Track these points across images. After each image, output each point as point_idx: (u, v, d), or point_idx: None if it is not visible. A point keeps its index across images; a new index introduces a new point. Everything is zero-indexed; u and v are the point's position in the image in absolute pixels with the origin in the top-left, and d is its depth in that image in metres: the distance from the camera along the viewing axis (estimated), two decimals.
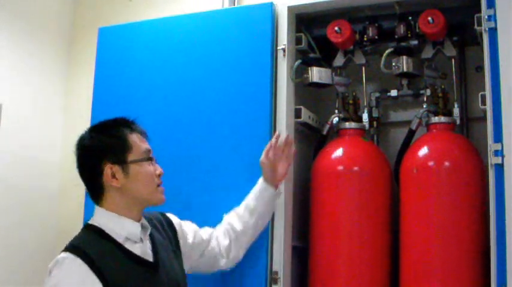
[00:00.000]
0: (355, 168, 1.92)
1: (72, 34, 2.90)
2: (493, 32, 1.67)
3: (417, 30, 1.93)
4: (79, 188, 1.58)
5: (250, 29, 2.02)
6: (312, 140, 2.15)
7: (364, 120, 2.04)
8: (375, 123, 2.11)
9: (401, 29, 1.95)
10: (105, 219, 1.50)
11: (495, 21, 1.67)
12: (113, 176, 1.49)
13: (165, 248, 1.59)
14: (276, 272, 1.84)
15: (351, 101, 2.08)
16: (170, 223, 1.68)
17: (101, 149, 1.51)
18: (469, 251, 1.73)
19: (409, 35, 1.95)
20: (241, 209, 1.82)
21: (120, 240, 1.47)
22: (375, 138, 2.13)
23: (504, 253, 1.55)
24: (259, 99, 1.95)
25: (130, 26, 2.26)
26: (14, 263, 2.52)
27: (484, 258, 1.67)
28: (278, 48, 1.98)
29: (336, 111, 2.08)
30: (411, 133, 1.98)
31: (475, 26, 1.75)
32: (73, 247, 1.43)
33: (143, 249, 1.51)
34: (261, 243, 1.86)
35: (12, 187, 2.52)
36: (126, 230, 1.50)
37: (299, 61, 2.01)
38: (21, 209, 2.57)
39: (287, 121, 1.94)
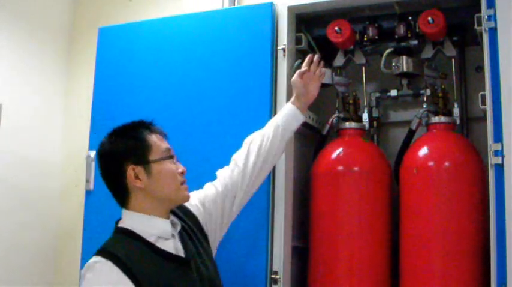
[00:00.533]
0: (355, 168, 1.92)
1: (72, 34, 2.91)
2: (493, 32, 1.67)
3: (417, 30, 1.93)
4: (79, 188, 1.58)
5: (250, 29, 2.02)
6: (312, 140, 2.15)
7: (364, 120, 2.04)
8: (375, 123, 2.11)
9: (401, 29, 1.95)
10: (135, 220, 1.52)
11: (495, 21, 1.66)
12: (136, 177, 1.51)
13: (193, 243, 1.60)
14: (276, 272, 1.84)
15: (351, 101, 2.08)
16: (188, 213, 1.67)
17: (122, 152, 1.53)
18: (469, 250, 1.73)
19: (409, 35, 1.95)
20: (269, 131, 1.79)
21: (151, 239, 1.49)
22: (375, 138, 2.13)
23: (504, 252, 1.55)
24: (259, 99, 1.95)
25: (130, 26, 2.26)
26: (14, 263, 2.52)
27: (484, 258, 1.67)
28: (278, 48, 1.98)
29: (336, 111, 2.08)
30: (411, 133, 1.98)
31: (475, 26, 1.75)
32: (103, 251, 1.44)
33: (175, 245, 1.53)
34: (261, 243, 1.86)
35: (12, 187, 2.52)
36: (157, 228, 1.51)
37: (299, 61, 2.01)
38: (21, 209, 2.57)
39: None
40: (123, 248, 1.45)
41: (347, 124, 2.02)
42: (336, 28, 1.98)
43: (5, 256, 2.47)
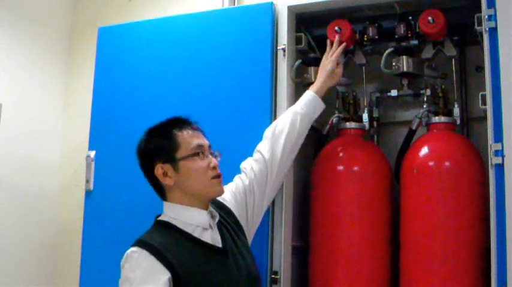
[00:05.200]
0: (355, 168, 1.92)
1: (72, 34, 2.90)
2: (493, 32, 1.67)
3: (417, 30, 1.93)
4: (79, 188, 1.59)
5: (250, 29, 2.02)
6: (312, 140, 2.14)
7: (364, 120, 2.04)
8: (375, 123, 2.11)
9: (401, 29, 1.95)
10: (173, 212, 1.60)
11: (495, 21, 1.66)
12: (165, 174, 1.59)
13: (230, 234, 1.64)
14: (276, 272, 1.84)
15: (351, 101, 2.08)
16: (223, 207, 1.71)
17: (152, 151, 1.62)
18: (469, 250, 1.73)
19: (409, 35, 1.95)
20: (291, 118, 1.84)
21: (188, 229, 1.56)
22: (375, 138, 2.13)
23: (504, 252, 1.55)
24: (259, 99, 1.95)
25: (130, 26, 2.26)
26: (14, 263, 2.51)
27: (484, 258, 1.67)
28: (278, 48, 1.98)
29: (336, 111, 2.08)
30: (411, 133, 1.98)
31: (475, 26, 1.75)
32: (139, 241, 1.51)
33: (213, 236, 1.58)
34: (261, 243, 1.86)
35: (11, 187, 2.52)
36: (194, 219, 1.58)
37: (299, 61, 2.01)
38: (20, 209, 2.57)
39: None
40: (159, 238, 1.52)
41: (347, 124, 2.02)
42: (336, 28, 1.98)
43: (4, 256, 2.47)
